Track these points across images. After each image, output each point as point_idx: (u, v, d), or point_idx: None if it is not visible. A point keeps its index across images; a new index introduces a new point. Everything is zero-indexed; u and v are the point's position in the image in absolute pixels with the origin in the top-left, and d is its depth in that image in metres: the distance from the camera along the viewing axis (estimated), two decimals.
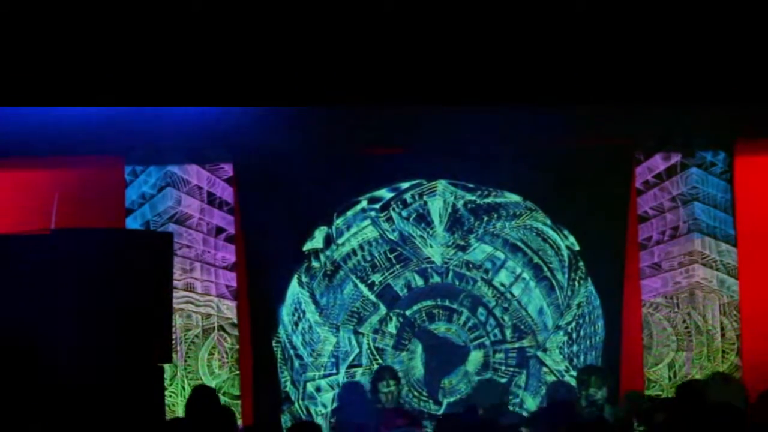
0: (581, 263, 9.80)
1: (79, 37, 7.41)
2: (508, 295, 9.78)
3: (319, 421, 9.56)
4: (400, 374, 9.51)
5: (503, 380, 9.69)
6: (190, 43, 7.47)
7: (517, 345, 9.80)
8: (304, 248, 9.75)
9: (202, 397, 7.65)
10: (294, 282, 9.74)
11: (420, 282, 9.78)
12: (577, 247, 9.80)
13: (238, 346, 9.70)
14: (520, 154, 9.57)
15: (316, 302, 9.73)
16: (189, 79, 7.55)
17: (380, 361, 9.69)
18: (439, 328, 9.81)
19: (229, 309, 9.70)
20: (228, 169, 9.73)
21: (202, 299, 9.67)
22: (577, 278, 9.80)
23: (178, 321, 9.44)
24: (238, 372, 9.70)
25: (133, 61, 7.51)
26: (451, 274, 9.79)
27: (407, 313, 9.78)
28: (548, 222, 9.81)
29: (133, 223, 9.58)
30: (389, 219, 9.79)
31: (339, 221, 9.77)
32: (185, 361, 9.63)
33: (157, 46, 7.50)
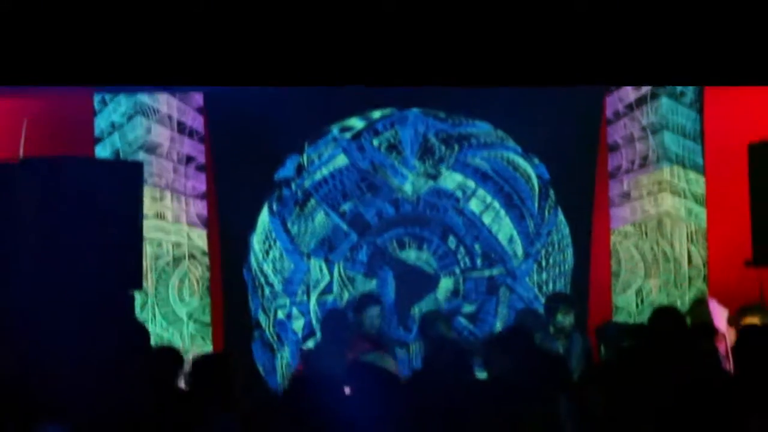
0: (551, 192, 9.84)
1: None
2: (479, 224, 9.82)
3: (290, 348, 9.64)
4: None
5: (471, 308, 9.77)
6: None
7: (487, 273, 9.86)
8: (275, 177, 9.75)
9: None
10: (265, 210, 9.74)
11: (391, 210, 9.81)
12: (547, 176, 9.83)
13: (208, 274, 9.74)
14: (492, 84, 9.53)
15: (287, 230, 9.75)
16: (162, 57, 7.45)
17: (351, 288, 9.75)
18: (410, 256, 9.85)
19: (199, 237, 9.72)
20: (198, 98, 9.69)
21: (173, 228, 9.67)
22: (547, 207, 9.85)
23: (148, 249, 9.44)
24: (208, 299, 9.74)
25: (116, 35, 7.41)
26: (422, 202, 9.81)
27: (378, 241, 9.81)
28: (519, 151, 9.83)
29: (102, 152, 9.55)
30: (360, 148, 9.78)
31: (310, 150, 9.76)
32: (156, 289, 9.66)
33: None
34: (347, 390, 5.44)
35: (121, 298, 7.90)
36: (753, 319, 7.27)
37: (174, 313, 9.64)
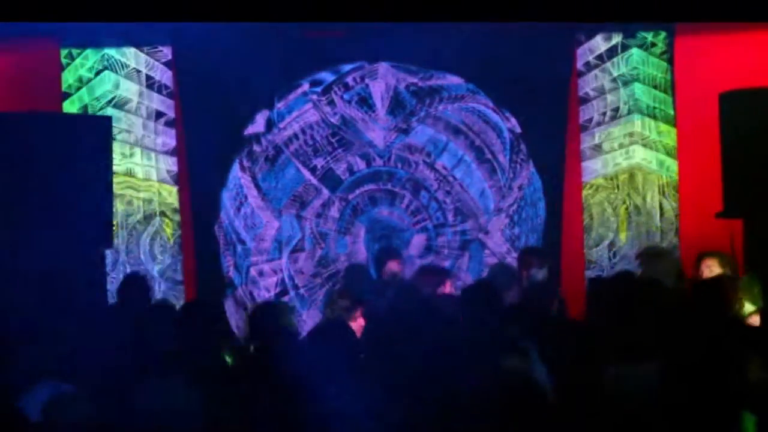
0: (523, 145, 9.82)
1: None
2: (450, 178, 9.80)
3: None
4: (344, 257, 9.62)
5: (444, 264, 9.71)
6: None
7: (459, 228, 9.85)
8: (245, 132, 9.69)
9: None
10: (235, 166, 9.68)
11: (362, 166, 9.77)
12: (518, 129, 9.81)
13: (180, 232, 9.68)
14: (462, 36, 9.48)
15: (258, 186, 9.70)
16: None
17: (323, 245, 9.72)
18: (382, 211, 9.83)
19: (170, 194, 9.65)
20: (167, 52, 9.59)
21: (143, 184, 9.60)
22: (519, 160, 9.83)
23: (118, 207, 9.37)
24: (180, 257, 9.69)
25: None
26: (393, 157, 9.78)
27: (350, 197, 9.78)
28: (490, 104, 9.80)
29: (70, 107, 9.45)
30: (331, 102, 9.73)
31: (280, 104, 9.70)
32: (127, 247, 9.60)
33: None
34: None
35: (93, 257, 7.87)
36: (711, 262, 7.28)
37: (146, 272, 9.57)
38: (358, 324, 6.75)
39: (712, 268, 7.28)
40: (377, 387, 4.79)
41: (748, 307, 6.67)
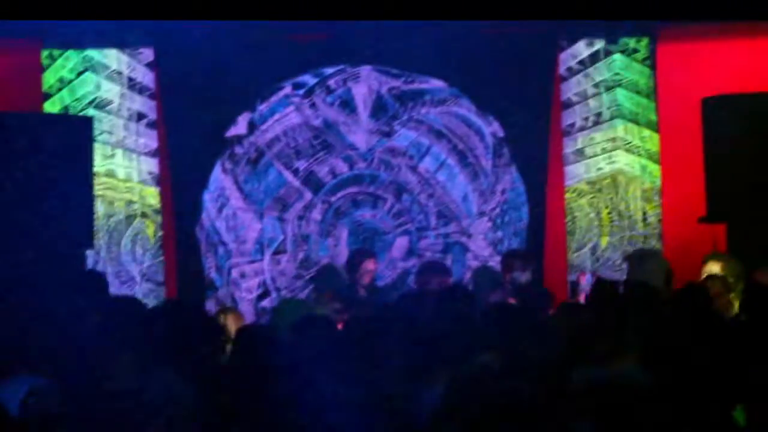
0: (505, 149, 9.82)
1: None
2: (433, 182, 9.80)
3: (244, 306, 9.58)
4: (326, 259, 9.60)
5: None
6: None
7: (441, 231, 9.84)
8: (227, 134, 9.66)
9: None
10: (217, 168, 9.66)
11: (344, 168, 9.76)
12: (501, 134, 9.81)
13: (161, 233, 9.64)
14: (445, 40, 9.48)
15: (239, 189, 9.68)
16: None
17: (305, 247, 9.70)
18: (364, 214, 9.81)
19: (151, 195, 9.61)
20: (148, 53, 9.56)
21: (124, 186, 9.56)
22: (502, 164, 9.83)
23: (99, 208, 9.33)
24: (162, 258, 9.65)
25: None
26: (375, 160, 9.77)
27: (332, 199, 9.76)
28: (473, 108, 9.80)
29: (51, 108, 9.40)
30: (313, 105, 9.71)
31: (262, 107, 9.67)
32: (108, 248, 9.56)
33: None
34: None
35: (73, 257, 7.83)
36: (714, 267, 7.28)
37: (126, 273, 9.54)
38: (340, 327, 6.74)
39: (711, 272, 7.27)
40: (355, 383, 4.79)
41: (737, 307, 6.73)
